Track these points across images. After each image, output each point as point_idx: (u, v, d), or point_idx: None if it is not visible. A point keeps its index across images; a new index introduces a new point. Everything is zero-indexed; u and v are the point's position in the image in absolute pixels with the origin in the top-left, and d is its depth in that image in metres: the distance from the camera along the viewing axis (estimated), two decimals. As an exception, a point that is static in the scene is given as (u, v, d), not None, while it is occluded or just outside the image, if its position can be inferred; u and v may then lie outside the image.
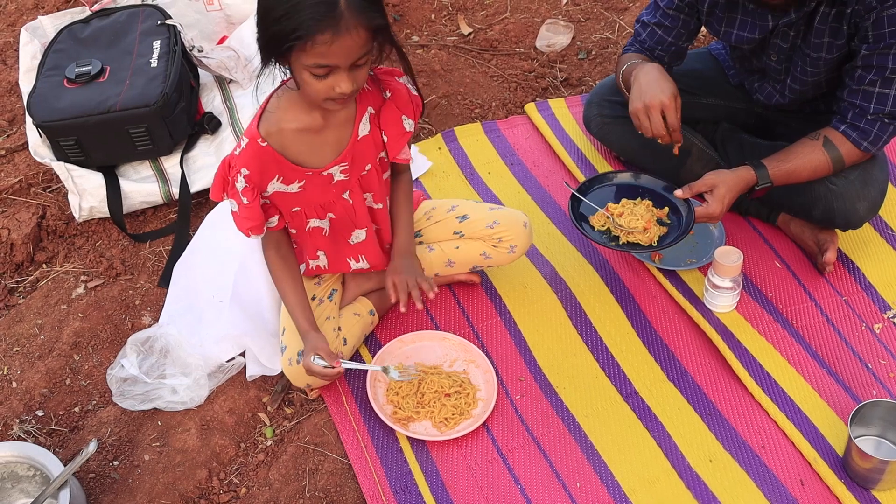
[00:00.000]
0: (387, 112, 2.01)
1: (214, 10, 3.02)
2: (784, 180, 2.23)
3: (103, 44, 2.73)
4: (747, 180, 2.21)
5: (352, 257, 2.20)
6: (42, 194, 2.69)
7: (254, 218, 1.97)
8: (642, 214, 2.24)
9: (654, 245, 2.22)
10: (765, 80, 2.38)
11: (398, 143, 2.05)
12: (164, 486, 2.03)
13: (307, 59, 1.73)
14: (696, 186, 2.21)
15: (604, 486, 2.00)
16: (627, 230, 2.23)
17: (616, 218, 2.25)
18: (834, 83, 2.25)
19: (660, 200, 2.30)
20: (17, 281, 2.51)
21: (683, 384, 2.18)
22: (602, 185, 2.36)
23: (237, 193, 1.93)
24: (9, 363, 2.29)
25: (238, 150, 1.93)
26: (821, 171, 2.23)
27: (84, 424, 2.16)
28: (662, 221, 2.26)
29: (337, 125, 1.97)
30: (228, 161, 1.94)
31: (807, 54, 2.19)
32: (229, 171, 1.93)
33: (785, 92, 2.33)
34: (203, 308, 2.28)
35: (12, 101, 3.03)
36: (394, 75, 2.02)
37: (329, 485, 2.03)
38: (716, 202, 2.18)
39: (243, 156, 1.92)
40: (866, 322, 2.30)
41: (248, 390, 2.20)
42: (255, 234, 2.00)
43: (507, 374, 2.21)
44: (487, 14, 3.30)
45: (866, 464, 1.93)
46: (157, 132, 2.57)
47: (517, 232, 2.26)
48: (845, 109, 2.18)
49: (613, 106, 2.55)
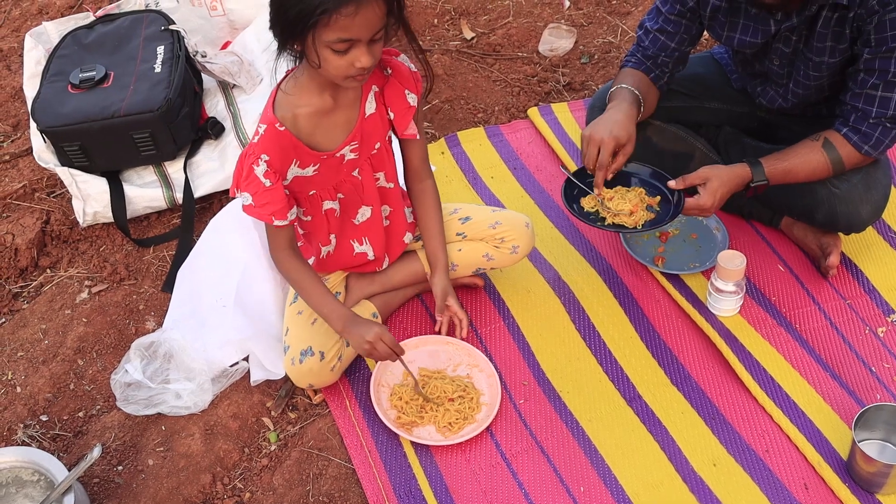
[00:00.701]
0: (390, 89, 2.05)
1: (218, 15, 3.03)
2: (781, 179, 2.22)
3: (107, 49, 2.73)
4: (742, 176, 2.21)
5: (356, 239, 2.20)
6: (46, 199, 2.70)
7: (277, 201, 1.95)
8: (631, 199, 2.25)
9: (638, 228, 2.22)
10: (767, 84, 2.38)
11: (404, 119, 2.08)
12: (168, 491, 2.03)
13: (330, 35, 1.76)
14: (690, 178, 2.21)
15: (607, 490, 2.00)
16: (614, 212, 2.23)
17: (605, 201, 2.25)
18: (837, 87, 2.25)
19: (654, 191, 2.30)
20: (22, 286, 2.51)
21: (687, 388, 2.18)
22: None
23: (257, 179, 1.92)
24: (13, 368, 2.29)
25: (256, 137, 1.94)
26: (819, 172, 2.22)
27: (88, 429, 2.17)
28: (653, 209, 2.26)
29: (345, 106, 2.00)
30: (246, 151, 1.94)
31: (809, 58, 2.19)
32: (246, 161, 1.94)
33: (788, 96, 2.33)
34: (207, 313, 2.28)
35: (17, 106, 3.04)
36: (392, 54, 2.06)
37: (333, 489, 2.03)
38: (707, 195, 2.18)
39: (262, 142, 1.93)
40: (870, 325, 2.30)
41: (252, 395, 2.20)
42: (278, 219, 1.97)
43: (510, 378, 2.21)
44: (490, 18, 3.31)
45: (870, 467, 1.93)
46: (160, 137, 2.58)
47: (519, 232, 2.26)
48: (847, 113, 2.18)
49: None
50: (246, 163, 1.92)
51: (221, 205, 2.56)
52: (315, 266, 2.20)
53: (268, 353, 2.21)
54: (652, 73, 2.34)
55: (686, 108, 2.52)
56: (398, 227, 2.26)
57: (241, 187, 1.94)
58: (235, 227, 2.36)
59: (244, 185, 1.94)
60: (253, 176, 1.92)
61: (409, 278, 2.33)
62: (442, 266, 2.24)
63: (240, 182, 1.95)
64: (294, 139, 1.95)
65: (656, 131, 2.51)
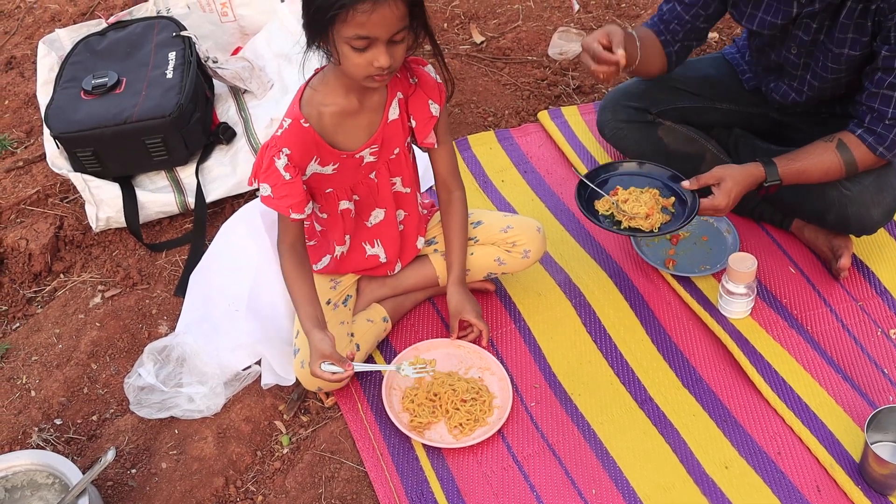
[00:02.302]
0: (415, 98, 2.08)
1: (229, 21, 3.05)
2: (794, 179, 2.22)
3: (119, 56, 2.75)
4: (756, 176, 2.21)
5: (368, 241, 2.22)
6: (59, 205, 2.72)
7: (295, 194, 1.96)
8: (646, 201, 2.25)
9: (654, 231, 2.22)
10: (781, 79, 2.36)
11: (425, 128, 2.11)
12: (182, 494, 2.04)
13: (348, 31, 1.78)
14: (704, 178, 2.21)
15: (619, 493, 2.00)
16: (630, 215, 2.23)
17: (620, 203, 2.25)
18: (854, 86, 2.23)
19: (667, 191, 2.30)
20: (36, 291, 2.53)
21: (698, 390, 2.18)
22: (610, 174, 2.37)
23: (277, 171, 1.93)
24: (27, 372, 2.31)
25: (280, 130, 1.95)
26: (833, 173, 2.22)
27: (102, 433, 2.18)
28: (668, 210, 2.26)
29: (370, 109, 2.03)
30: (268, 143, 1.96)
31: (829, 49, 2.17)
32: (267, 153, 1.95)
33: (804, 88, 2.31)
34: (219, 317, 2.29)
35: (30, 112, 3.06)
36: (420, 63, 2.09)
37: (345, 492, 2.03)
38: (722, 195, 2.18)
39: (286, 136, 1.95)
40: (882, 327, 2.29)
41: (265, 399, 2.21)
42: (296, 212, 1.98)
43: (522, 381, 2.22)
44: (500, 23, 3.32)
45: (883, 469, 1.92)
46: (172, 143, 2.59)
47: (531, 236, 2.27)
48: (863, 113, 2.16)
49: (628, 110, 2.56)
50: (267, 154, 1.94)
51: (233, 209, 2.58)
52: (331, 266, 2.22)
53: (279, 357, 2.22)
54: (662, 36, 2.34)
55: (697, 108, 2.53)
56: (412, 232, 2.27)
57: (261, 178, 1.96)
58: (247, 232, 2.37)
59: (263, 175, 1.95)
60: (273, 168, 1.93)
61: (420, 282, 2.34)
62: (454, 277, 2.25)
63: (259, 172, 1.96)
64: (317, 136, 1.97)
65: (667, 132, 2.51)
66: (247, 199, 2.64)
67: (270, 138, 1.97)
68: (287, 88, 2.76)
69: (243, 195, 2.68)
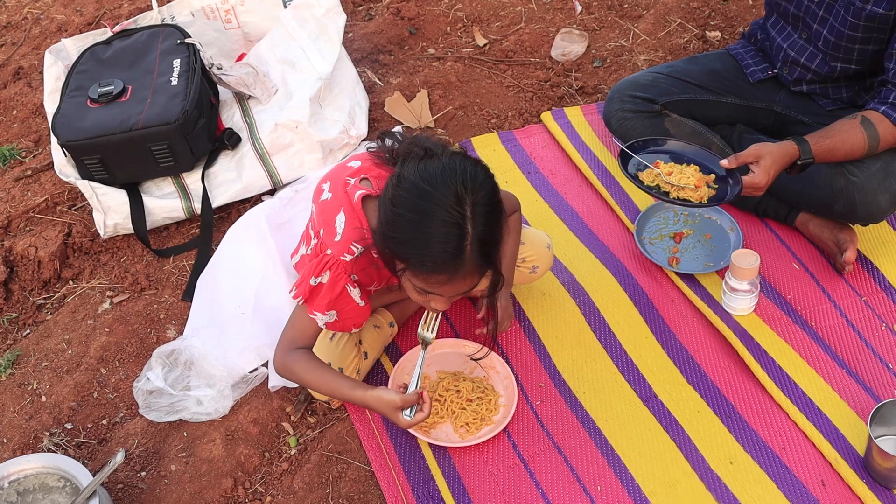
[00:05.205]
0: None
1: (233, 28, 3.07)
2: (824, 157, 2.24)
3: (125, 64, 2.77)
4: (791, 154, 2.22)
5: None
6: (68, 212, 2.74)
7: (365, 314, 1.99)
8: (692, 174, 2.26)
9: (703, 203, 2.22)
10: (797, 34, 2.39)
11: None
12: (191, 496, 2.06)
13: (416, 280, 1.78)
14: (743, 157, 2.22)
15: (625, 490, 2.01)
16: (679, 186, 2.24)
17: (666, 175, 2.26)
18: (863, 60, 2.27)
19: (705, 170, 2.31)
20: (45, 297, 2.55)
21: (703, 387, 2.19)
22: (648, 150, 2.37)
23: (352, 301, 1.93)
24: (38, 377, 2.33)
25: (347, 256, 1.87)
26: (857, 149, 2.24)
27: (112, 436, 2.20)
28: (711, 185, 2.27)
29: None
30: (333, 265, 1.87)
31: (852, 2, 2.20)
32: (338, 281, 1.89)
33: (818, 43, 2.33)
34: (226, 320, 2.31)
35: (38, 122, 3.09)
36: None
37: (353, 492, 2.05)
38: (762, 173, 2.19)
39: (355, 263, 1.89)
40: (886, 322, 2.30)
41: (272, 400, 2.22)
42: (357, 326, 2.01)
43: (526, 380, 2.23)
44: (502, 25, 3.33)
45: (887, 463, 1.93)
46: (178, 149, 2.61)
47: (540, 253, 2.28)
48: (887, 92, 2.21)
49: (635, 101, 2.57)
50: (338, 282, 1.89)
51: (239, 214, 2.60)
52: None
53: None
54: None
55: (703, 101, 2.55)
56: None
57: (328, 306, 1.91)
58: (252, 236, 2.39)
59: (333, 304, 1.91)
60: (347, 297, 1.92)
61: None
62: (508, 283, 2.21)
63: (320, 301, 1.90)
64: (377, 261, 1.92)
65: (673, 124, 2.53)
66: (252, 204, 2.66)
67: (332, 258, 1.87)
68: (291, 94, 2.77)
69: (249, 200, 2.70)
